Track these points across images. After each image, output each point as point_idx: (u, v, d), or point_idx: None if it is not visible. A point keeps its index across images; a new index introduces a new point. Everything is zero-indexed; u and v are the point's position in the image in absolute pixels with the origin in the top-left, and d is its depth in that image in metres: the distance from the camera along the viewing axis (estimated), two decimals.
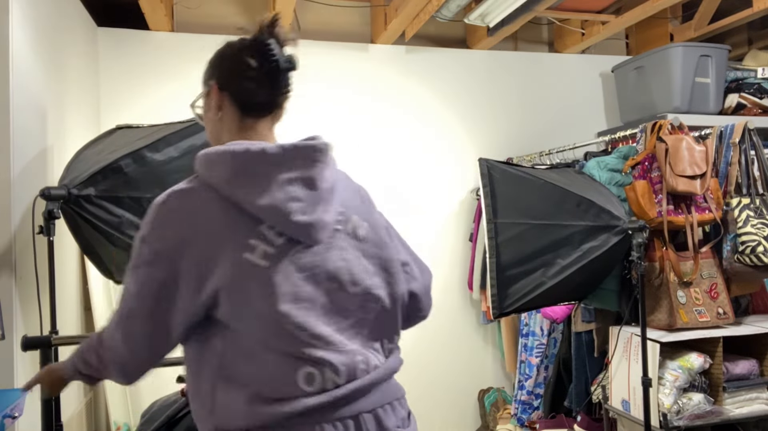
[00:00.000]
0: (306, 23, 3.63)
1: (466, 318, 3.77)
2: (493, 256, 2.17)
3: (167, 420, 1.64)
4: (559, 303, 2.61)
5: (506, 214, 2.19)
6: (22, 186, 2.02)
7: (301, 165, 1.13)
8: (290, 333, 1.06)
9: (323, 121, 3.55)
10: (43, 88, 2.27)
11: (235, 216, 1.08)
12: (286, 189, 1.10)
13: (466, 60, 3.83)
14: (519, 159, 3.67)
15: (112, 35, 3.28)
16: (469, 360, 3.77)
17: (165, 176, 1.99)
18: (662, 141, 2.42)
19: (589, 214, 2.17)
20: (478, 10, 3.26)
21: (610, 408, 2.51)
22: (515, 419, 3.29)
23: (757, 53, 3.59)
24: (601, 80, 4.06)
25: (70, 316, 2.62)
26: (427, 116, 3.73)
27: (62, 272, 2.50)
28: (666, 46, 3.29)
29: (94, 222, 1.91)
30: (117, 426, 2.88)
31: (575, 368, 2.82)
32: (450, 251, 3.74)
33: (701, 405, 2.28)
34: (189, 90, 3.47)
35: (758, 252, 2.35)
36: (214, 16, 3.51)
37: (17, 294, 1.96)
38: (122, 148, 2.01)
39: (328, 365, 1.08)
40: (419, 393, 3.69)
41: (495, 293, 2.17)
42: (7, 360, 1.91)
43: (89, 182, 1.90)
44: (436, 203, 3.73)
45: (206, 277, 1.06)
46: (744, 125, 2.53)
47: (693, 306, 2.41)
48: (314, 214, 1.11)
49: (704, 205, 2.47)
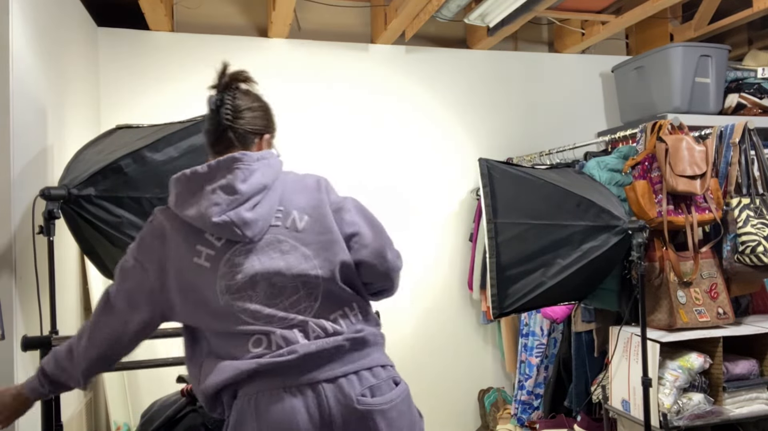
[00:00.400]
0: (306, 23, 3.63)
1: (466, 318, 3.77)
2: (493, 256, 2.17)
3: (167, 420, 1.64)
4: (559, 303, 2.61)
5: (506, 214, 2.19)
6: (22, 186, 2.02)
7: (222, 176, 1.33)
8: (236, 317, 1.30)
9: (323, 121, 3.55)
10: (43, 88, 2.27)
11: (187, 228, 1.34)
12: (209, 197, 1.32)
13: (466, 60, 3.83)
14: (519, 159, 3.67)
15: (112, 35, 3.28)
16: (469, 360, 3.77)
17: (165, 176, 1.97)
18: (662, 141, 2.42)
19: (589, 214, 2.17)
20: (478, 10, 3.26)
21: (610, 408, 2.51)
22: (515, 419, 3.29)
23: (757, 53, 3.59)
24: (601, 80, 4.06)
25: (70, 316, 2.62)
26: (427, 116, 3.73)
27: (62, 272, 2.50)
28: (666, 46, 3.29)
29: (94, 223, 1.91)
30: (117, 426, 2.88)
31: (575, 368, 2.82)
32: (450, 251, 3.74)
33: (701, 405, 2.28)
34: (189, 90, 3.50)
35: (758, 252, 2.35)
36: (214, 16, 3.51)
37: (17, 294, 1.96)
38: (122, 148, 2.00)
39: (272, 334, 1.30)
40: (419, 393, 3.69)
41: (495, 293, 2.17)
42: (7, 360, 1.91)
43: (89, 182, 1.89)
44: (436, 203, 3.73)
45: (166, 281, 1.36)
46: (744, 125, 2.53)
47: (693, 306, 2.41)
48: (232, 212, 1.30)
49: (704, 205, 2.47)
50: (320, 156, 3.53)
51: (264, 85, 3.91)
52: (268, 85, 3.48)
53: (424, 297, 3.70)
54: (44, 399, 1.71)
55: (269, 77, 3.49)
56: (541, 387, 3.20)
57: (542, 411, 3.18)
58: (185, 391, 1.73)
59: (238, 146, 1.40)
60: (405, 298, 3.63)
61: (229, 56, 3.46)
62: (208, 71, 3.73)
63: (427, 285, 3.69)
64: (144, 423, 1.71)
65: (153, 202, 1.96)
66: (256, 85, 1.51)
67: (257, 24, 3.58)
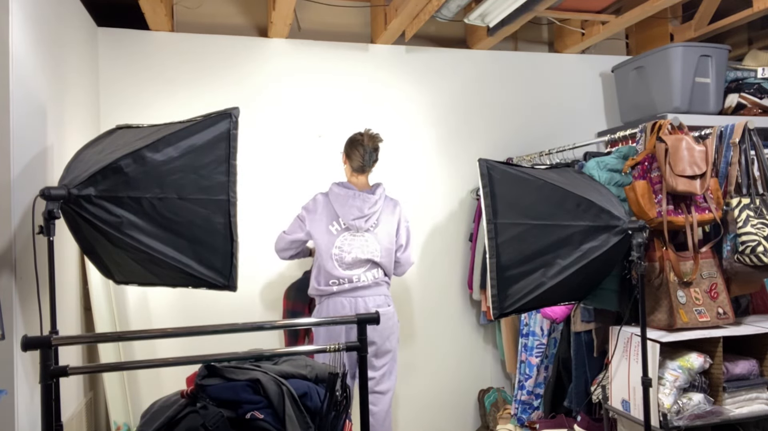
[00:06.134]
0: (306, 23, 3.63)
1: (466, 318, 3.78)
2: (493, 257, 2.16)
3: (167, 420, 1.64)
4: (560, 304, 2.61)
5: (506, 214, 2.19)
6: (22, 186, 2.02)
7: (360, 198, 2.81)
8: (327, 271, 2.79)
9: (323, 121, 3.56)
10: (43, 88, 2.27)
11: (331, 210, 2.82)
12: (352, 208, 2.80)
13: (466, 60, 3.83)
14: (519, 159, 3.67)
15: (112, 35, 3.28)
16: (469, 360, 3.77)
17: (165, 176, 1.98)
18: (662, 141, 2.42)
19: (588, 214, 2.17)
20: (478, 10, 3.26)
21: (610, 408, 2.51)
22: (515, 419, 3.29)
23: (757, 53, 3.59)
24: (601, 80, 4.06)
25: (70, 316, 2.62)
26: (427, 116, 3.74)
27: (62, 272, 2.50)
28: (666, 46, 3.29)
29: (94, 223, 1.91)
30: (117, 426, 2.88)
31: (575, 368, 2.82)
32: (450, 251, 3.74)
33: (701, 405, 2.28)
34: (189, 90, 3.50)
35: (758, 252, 2.35)
36: (214, 16, 3.51)
37: (17, 294, 1.96)
38: (122, 148, 2.00)
39: (340, 278, 2.78)
40: (420, 393, 3.69)
41: (495, 293, 2.16)
42: (7, 360, 1.91)
43: (89, 182, 1.89)
44: (436, 203, 3.73)
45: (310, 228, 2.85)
46: (744, 125, 2.53)
47: (693, 306, 2.41)
48: (356, 220, 2.78)
49: (704, 204, 2.47)
50: (320, 156, 3.53)
51: (264, 85, 3.93)
52: (268, 85, 3.49)
53: (424, 297, 3.70)
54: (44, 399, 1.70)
55: (269, 77, 3.49)
56: (541, 387, 3.20)
57: (542, 411, 3.18)
58: (185, 392, 1.73)
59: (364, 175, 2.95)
60: (405, 298, 3.63)
61: (229, 56, 3.49)
62: (208, 71, 3.77)
63: (427, 285, 3.69)
64: (144, 424, 1.71)
65: (153, 202, 1.96)
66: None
67: (257, 24, 3.58)
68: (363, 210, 2.78)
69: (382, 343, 2.79)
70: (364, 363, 1.79)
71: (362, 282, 2.78)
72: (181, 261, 2.04)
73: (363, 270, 2.79)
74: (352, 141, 2.87)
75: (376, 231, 2.82)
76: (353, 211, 2.78)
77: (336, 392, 1.78)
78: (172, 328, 3.04)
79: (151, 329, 3.16)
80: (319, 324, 2.77)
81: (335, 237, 2.79)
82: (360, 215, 2.78)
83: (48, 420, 1.58)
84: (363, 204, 2.79)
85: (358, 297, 2.78)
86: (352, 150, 2.85)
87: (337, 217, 2.80)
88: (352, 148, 2.84)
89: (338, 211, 2.79)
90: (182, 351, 3.19)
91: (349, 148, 2.86)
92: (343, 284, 2.77)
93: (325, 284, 2.79)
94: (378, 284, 2.82)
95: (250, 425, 1.68)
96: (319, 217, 2.82)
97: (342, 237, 2.79)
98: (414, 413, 3.68)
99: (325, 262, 2.78)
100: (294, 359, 1.92)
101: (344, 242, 2.78)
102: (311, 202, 2.88)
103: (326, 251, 2.78)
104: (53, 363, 1.61)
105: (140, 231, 1.96)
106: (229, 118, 2.09)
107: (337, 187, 2.84)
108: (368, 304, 2.77)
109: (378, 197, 2.83)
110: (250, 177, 3.38)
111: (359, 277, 2.78)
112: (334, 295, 2.78)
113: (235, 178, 2.10)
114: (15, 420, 1.91)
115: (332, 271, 2.77)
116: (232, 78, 3.43)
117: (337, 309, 2.76)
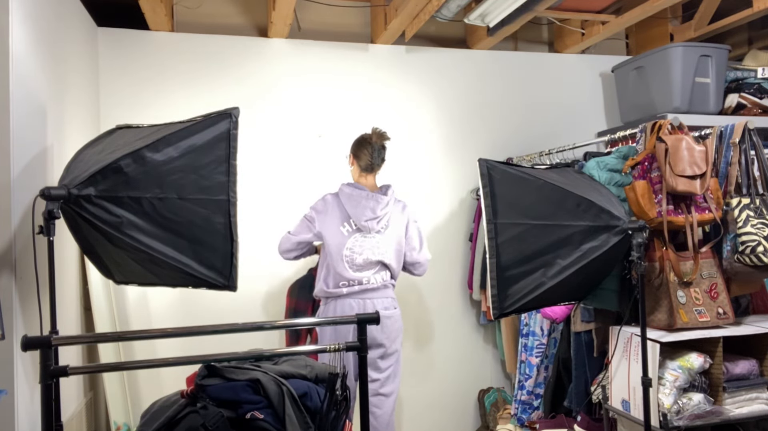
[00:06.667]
0: (306, 23, 3.63)
1: (466, 318, 3.78)
2: (493, 257, 2.16)
3: (167, 420, 1.64)
4: (560, 304, 2.61)
5: (506, 214, 2.19)
6: (22, 186, 2.02)
7: (373, 199, 2.77)
8: (337, 273, 2.74)
9: (323, 121, 3.56)
10: (43, 88, 2.27)
11: (342, 211, 2.77)
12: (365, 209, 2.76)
13: (466, 60, 3.83)
14: (519, 159, 3.67)
15: (112, 35, 3.28)
16: (469, 360, 3.77)
17: (165, 176, 1.98)
18: (662, 141, 2.41)
19: (588, 214, 2.17)
20: (478, 10, 3.26)
21: (610, 408, 2.51)
22: (515, 419, 3.29)
23: (757, 53, 3.59)
24: (601, 80, 4.06)
25: (70, 316, 2.62)
26: (427, 116, 3.74)
27: (62, 272, 2.50)
28: (666, 46, 3.29)
29: (94, 223, 1.91)
30: (117, 426, 2.88)
31: (575, 368, 2.82)
32: (450, 251, 3.74)
33: (701, 405, 2.28)
34: (189, 90, 3.50)
35: (758, 252, 2.35)
36: (214, 16, 3.51)
37: (17, 294, 1.96)
38: (122, 148, 2.00)
39: (350, 279, 2.74)
40: (420, 393, 3.69)
41: (495, 293, 2.16)
42: (7, 360, 1.91)
43: (89, 182, 1.89)
44: (436, 203, 3.73)
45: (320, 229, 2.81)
46: (744, 125, 2.53)
47: (693, 306, 2.41)
48: (369, 221, 2.75)
49: (704, 204, 2.47)
50: (320, 156, 3.53)
51: (264, 85, 3.93)
52: (268, 85, 3.49)
53: (424, 297, 3.70)
54: (44, 399, 1.70)
55: (269, 77, 3.49)
56: (541, 387, 3.20)
57: (542, 411, 3.18)
58: (185, 392, 1.73)
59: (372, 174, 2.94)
60: (405, 298, 3.64)
61: (229, 56, 3.49)
62: (208, 71, 3.77)
63: (427, 285, 3.69)
64: (144, 424, 1.71)
65: (153, 202, 1.96)
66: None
67: (257, 24, 3.58)
68: (376, 211, 2.74)
69: (390, 345, 2.78)
70: (364, 363, 1.79)
71: (371, 285, 2.75)
72: (181, 261, 2.04)
73: (372, 272, 2.76)
74: (360, 141, 2.84)
75: (386, 232, 2.79)
76: (366, 212, 2.73)
77: (336, 392, 1.78)
78: (172, 328, 3.04)
79: (151, 329, 3.16)
80: (319, 324, 2.76)
81: (346, 238, 2.74)
82: (373, 216, 2.74)
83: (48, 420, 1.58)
84: (376, 205, 2.74)
85: (366, 299, 2.75)
86: (360, 149, 2.82)
87: (348, 218, 2.75)
88: (360, 147, 2.82)
89: (350, 211, 2.75)
90: (182, 351, 3.19)
91: (357, 148, 2.83)
92: (353, 286, 2.73)
93: (335, 286, 2.75)
94: (386, 286, 2.80)
95: (250, 425, 1.68)
96: (330, 218, 2.77)
97: (353, 238, 2.74)
98: (414, 413, 3.68)
99: (335, 264, 2.74)
100: (294, 359, 1.92)
101: (355, 243, 2.74)
102: (321, 202, 2.83)
103: (337, 252, 2.73)
104: (53, 363, 1.61)
105: (140, 231, 1.96)
106: (229, 118, 2.09)
107: (348, 188, 2.79)
108: (377, 306, 2.73)
109: (389, 198, 2.80)
110: (250, 177, 3.38)
111: (369, 279, 2.75)
112: (342, 297, 2.75)
113: (235, 178, 2.10)
114: (15, 420, 1.91)
115: (343, 273, 2.73)
116: (232, 78, 3.43)
117: (345, 311, 2.73)
